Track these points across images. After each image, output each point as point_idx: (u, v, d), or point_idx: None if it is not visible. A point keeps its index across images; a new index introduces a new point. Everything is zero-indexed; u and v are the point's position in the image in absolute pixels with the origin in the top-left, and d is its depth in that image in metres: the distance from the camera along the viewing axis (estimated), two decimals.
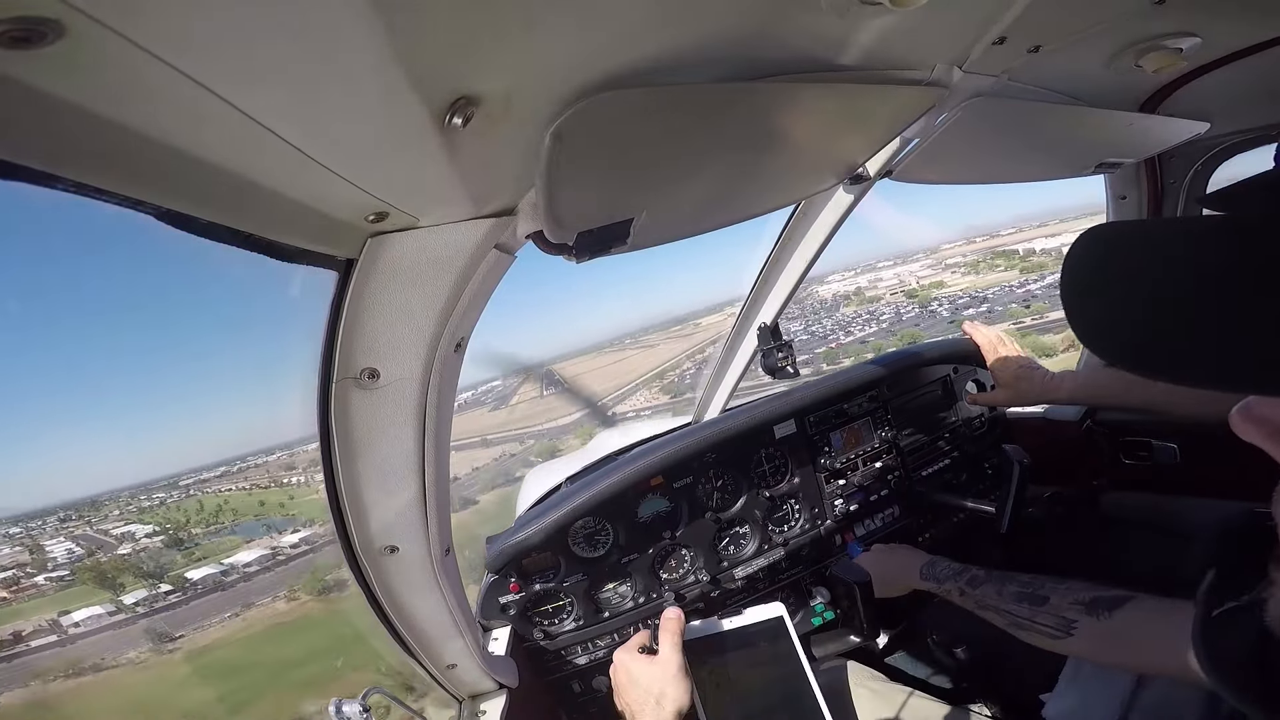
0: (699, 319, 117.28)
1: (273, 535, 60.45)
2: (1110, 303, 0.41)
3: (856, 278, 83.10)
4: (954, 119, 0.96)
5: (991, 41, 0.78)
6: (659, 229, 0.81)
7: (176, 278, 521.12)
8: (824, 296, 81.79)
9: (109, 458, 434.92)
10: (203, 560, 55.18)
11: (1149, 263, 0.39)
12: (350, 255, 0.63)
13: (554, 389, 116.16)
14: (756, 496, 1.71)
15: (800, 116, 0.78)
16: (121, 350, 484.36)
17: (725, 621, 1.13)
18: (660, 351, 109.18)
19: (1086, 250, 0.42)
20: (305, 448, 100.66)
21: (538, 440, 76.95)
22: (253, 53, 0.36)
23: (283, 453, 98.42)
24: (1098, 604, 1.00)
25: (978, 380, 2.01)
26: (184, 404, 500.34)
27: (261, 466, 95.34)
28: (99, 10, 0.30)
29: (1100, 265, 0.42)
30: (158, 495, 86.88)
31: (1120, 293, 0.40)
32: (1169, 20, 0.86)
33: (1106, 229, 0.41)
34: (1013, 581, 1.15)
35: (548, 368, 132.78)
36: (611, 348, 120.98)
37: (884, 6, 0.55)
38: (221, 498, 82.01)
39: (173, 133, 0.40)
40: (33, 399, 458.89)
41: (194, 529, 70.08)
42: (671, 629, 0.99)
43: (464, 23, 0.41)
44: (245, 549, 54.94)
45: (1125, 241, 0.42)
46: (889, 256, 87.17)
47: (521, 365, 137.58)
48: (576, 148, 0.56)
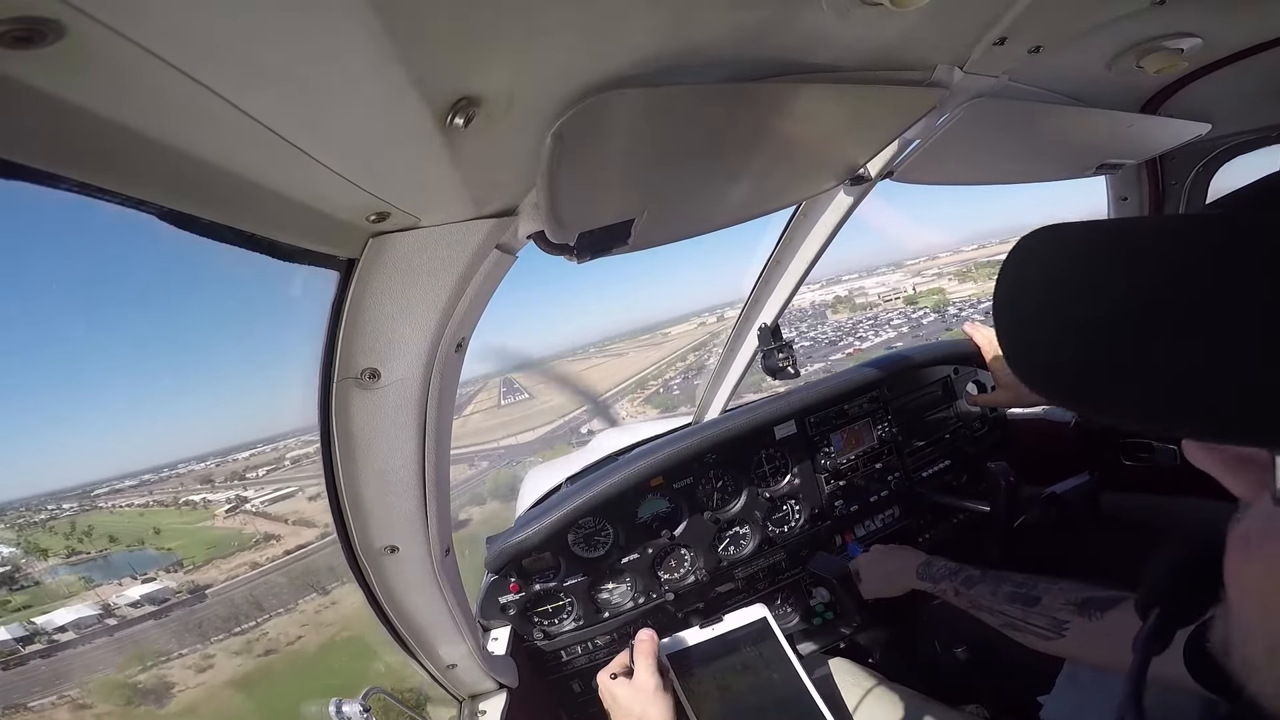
0: (667, 328, 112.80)
1: (121, 582, 50.40)
2: (1033, 319, 0.35)
3: (832, 287, 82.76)
4: (955, 120, 0.96)
5: (992, 42, 0.78)
6: (660, 229, 0.81)
7: (176, 278, 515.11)
8: (801, 306, 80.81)
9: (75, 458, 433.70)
10: (21, 610, 43.62)
11: (1087, 269, 0.33)
12: (351, 255, 0.63)
13: (514, 399, 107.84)
14: (756, 497, 1.71)
15: (801, 117, 0.78)
16: (120, 350, 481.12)
17: (706, 631, 1.12)
18: (632, 360, 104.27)
19: (1024, 256, 0.37)
20: (238, 456, 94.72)
21: (493, 464, 63.80)
22: (254, 52, 0.36)
23: (215, 460, 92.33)
24: (1090, 604, 0.99)
25: (978, 381, 2.01)
26: (182, 405, 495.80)
27: (182, 476, 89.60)
28: (99, 10, 0.30)
29: (1031, 274, 0.37)
30: (66, 506, 79.37)
31: (1043, 307, 0.35)
32: (1169, 21, 0.86)
33: (1045, 231, 0.36)
34: (1007, 581, 1.15)
35: (507, 375, 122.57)
36: (576, 355, 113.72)
37: (885, 7, 0.55)
38: (116, 516, 74.66)
39: (174, 133, 0.40)
40: (32, 398, 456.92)
41: (53, 557, 61.47)
42: (644, 650, 1.00)
43: (465, 23, 0.41)
44: (78, 601, 41.99)
45: (1062, 245, 0.36)
46: (880, 263, 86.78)
47: (480, 373, 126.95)
48: (578, 148, 0.56)
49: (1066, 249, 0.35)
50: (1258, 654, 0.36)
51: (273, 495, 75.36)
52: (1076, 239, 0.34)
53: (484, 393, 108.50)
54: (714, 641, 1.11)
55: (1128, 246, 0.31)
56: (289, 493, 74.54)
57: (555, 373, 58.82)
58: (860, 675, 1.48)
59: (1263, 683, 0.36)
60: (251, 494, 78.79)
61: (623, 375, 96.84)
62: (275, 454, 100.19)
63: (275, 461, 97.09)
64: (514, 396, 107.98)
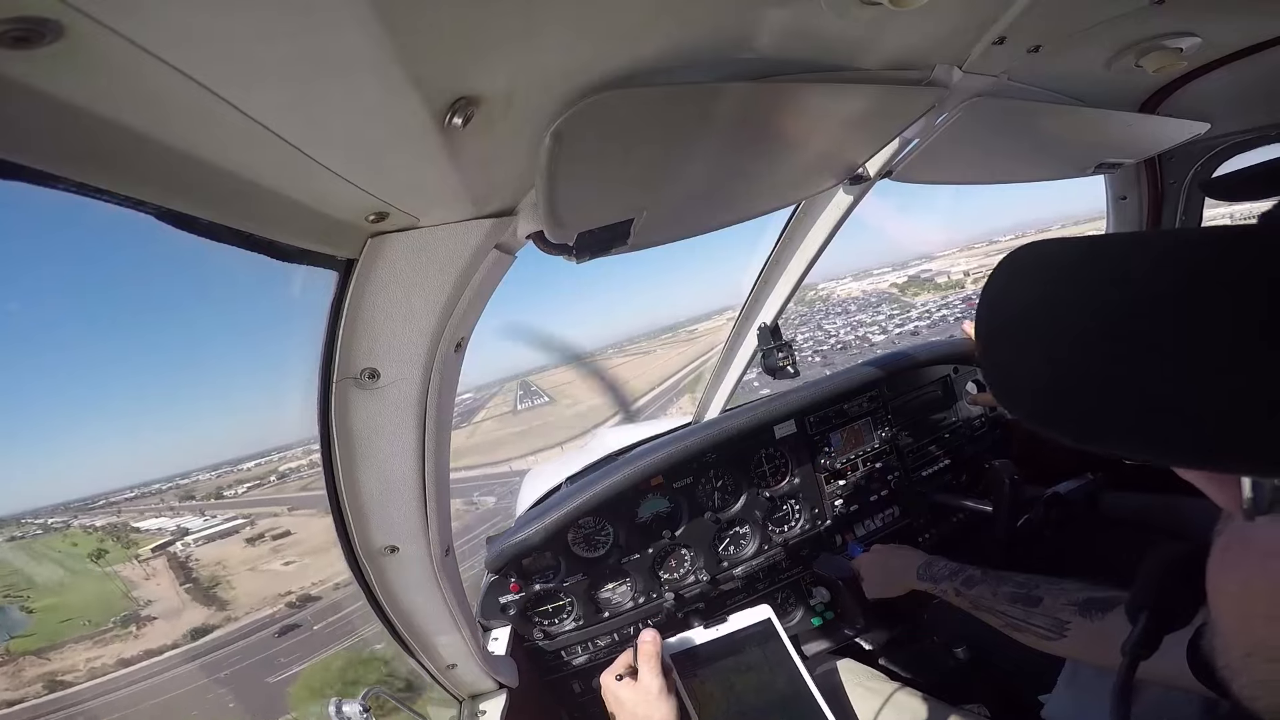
0: (692, 326, 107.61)
1: None
2: (1020, 341, 0.34)
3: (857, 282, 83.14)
4: (954, 119, 0.96)
5: (991, 42, 0.78)
6: (660, 229, 0.81)
7: (175, 277, 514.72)
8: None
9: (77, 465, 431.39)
10: None
11: (1072, 291, 0.32)
12: (350, 255, 0.63)
13: (531, 403, 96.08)
14: (756, 496, 1.71)
15: (800, 117, 0.78)
16: (119, 349, 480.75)
17: (711, 631, 1.12)
18: (663, 357, 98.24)
19: (1006, 274, 0.35)
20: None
21: (499, 496, 45.63)
22: (253, 52, 0.36)
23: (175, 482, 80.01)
24: (1091, 605, 0.99)
25: (978, 380, 2.01)
26: (182, 404, 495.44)
27: (156, 494, 76.42)
28: (97, 10, 0.30)
29: (1017, 294, 0.35)
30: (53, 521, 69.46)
31: (1030, 329, 0.33)
32: (1169, 20, 0.86)
33: (1030, 248, 0.35)
34: (1008, 582, 1.15)
35: (525, 378, 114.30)
36: (594, 357, 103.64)
37: (884, 6, 0.55)
38: (42, 543, 62.27)
39: (172, 133, 0.40)
40: (33, 397, 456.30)
41: None
42: (647, 653, 1.00)
43: (464, 23, 0.41)
44: None
45: (1045, 263, 0.34)
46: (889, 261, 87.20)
47: (497, 378, 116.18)
48: (577, 148, 0.56)
49: (1046, 267, 0.34)
50: (1237, 659, 0.37)
51: (209, 531, 58.69)
52: (1054, 258, 0.34)
53: (498, 397, 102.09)
54: (718, 642, 1.11)
55: (1096, 269, 0.31)
56: (225, 530, 58.36)
57: (592, 369, 53.68)
58: (861, 674, 1.49)
59: (1242, 686, 0.37)
60: (196, 524, 61.66)
61: (668, 370, 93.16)
62: (260, 469, 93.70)
63: (263, 477, 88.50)
64: (531, 401, 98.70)
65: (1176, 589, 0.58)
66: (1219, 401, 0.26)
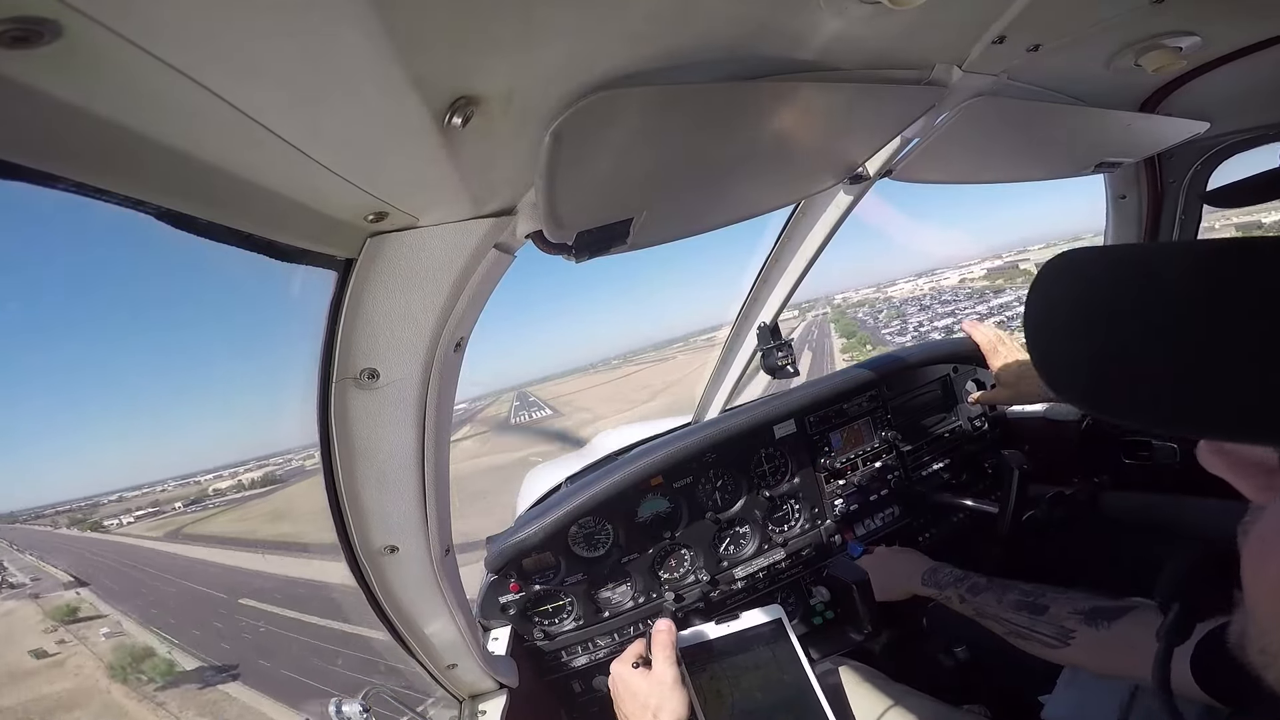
0: (710, 333, 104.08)
1: None
2: (1073, 336, 0.38)
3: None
4: (954, 119, 0.96)
5: (991, 41, 0.78)
6: (659, 228, 0.81)
7: (175, 278, 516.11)
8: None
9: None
10: None
11: (1119, 292, 0.36)
12: (350, 255, 0.63)
13: (529, 415, 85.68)
14: (756, 496, 1.71)
15: (800, 116, 0.78)
16: (118, 349, 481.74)
17: (723, 626, 1.12)
18: (685, 362, 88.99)
19: (1051, 278, 0.40)
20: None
21: None
22: (252, 52, 0.36)
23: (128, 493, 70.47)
24: (1097, 614, 0.99)
25: (978, 379, 2.01)
26: (183, 405, 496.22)
27: None
28: (96, 10, 0.30)
29: (1065, 295, 0.39)
30: None
31: (1082, 326, 0.38)
32: (1168, 19, 0.86)
33: (1076, 255, 0.39)
34: (1013, 590, 1.14)
35: (524, 388, 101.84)
36: (602, 368, 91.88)
37: (883, 6, 0.55)
38: None
39: (171, 132, 0.40)
40: (33, 398, 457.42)
41: None
42: (662, 641, 1.00)
43: (464, 22, 0.41)
44: None
45: (1094, 268, 0.39)
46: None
47: (499, 387, 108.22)
48: (576, 147, 0.56)
49: (1090, 271, 0.39)
50: (1275, 643, 0.40)
51: None
52: (1099, 263, 0.39)
53: (493, 406, 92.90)
54: (729, 638, 1.12)
55: (1147, 270, 0.36)
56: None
57: (583, 383, 48.82)
58: (861, 675, 1.48)
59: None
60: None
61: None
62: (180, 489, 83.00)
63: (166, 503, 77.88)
64: (529, 413, 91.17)
65: (1206, 582, 0.60)
66: (1251, 382, 0.30)
